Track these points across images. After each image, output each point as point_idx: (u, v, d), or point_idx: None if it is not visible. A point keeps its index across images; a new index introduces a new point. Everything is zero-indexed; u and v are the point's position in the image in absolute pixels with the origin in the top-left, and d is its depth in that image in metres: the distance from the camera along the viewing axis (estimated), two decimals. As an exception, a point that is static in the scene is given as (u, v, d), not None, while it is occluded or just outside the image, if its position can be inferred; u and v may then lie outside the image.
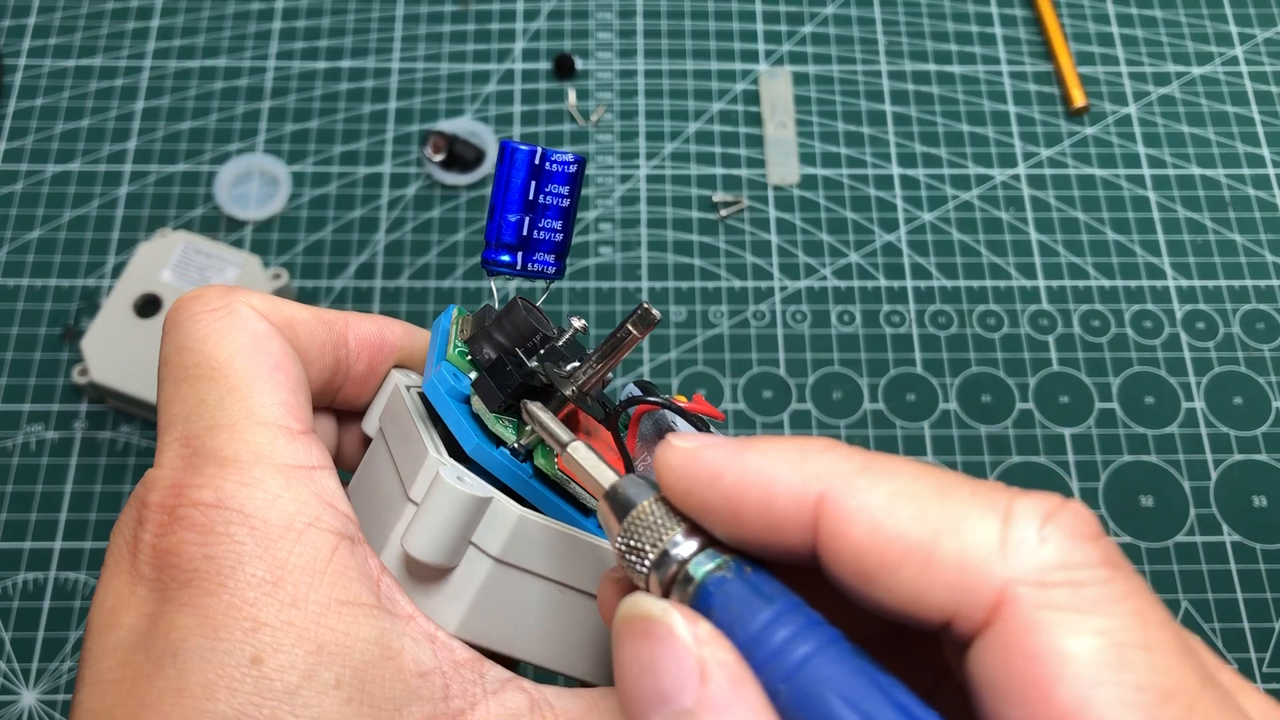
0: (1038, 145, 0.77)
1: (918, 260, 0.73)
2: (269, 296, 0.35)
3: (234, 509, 0.29)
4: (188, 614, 0.28)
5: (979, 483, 0.23)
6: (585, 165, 0.37)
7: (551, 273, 0.38)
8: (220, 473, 0.30)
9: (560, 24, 0.82)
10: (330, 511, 0.30)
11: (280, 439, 0.31)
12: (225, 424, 0.31)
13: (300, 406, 0.32)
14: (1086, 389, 0.69)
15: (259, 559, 0.28)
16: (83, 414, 0.67)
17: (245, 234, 0.73)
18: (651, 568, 0.25)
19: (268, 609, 0.28)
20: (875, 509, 0.22)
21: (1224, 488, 0.66)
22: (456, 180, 0.75)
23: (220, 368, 0.32)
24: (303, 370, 0.34)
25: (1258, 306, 0.72)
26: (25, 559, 0.63)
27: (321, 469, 0.31)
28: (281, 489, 0.30)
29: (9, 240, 0.72)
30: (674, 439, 0.25)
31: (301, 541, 0.29)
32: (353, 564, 0.30)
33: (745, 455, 0.24)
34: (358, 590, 0.29)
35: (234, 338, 0.32)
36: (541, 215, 0.37)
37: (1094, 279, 0.72)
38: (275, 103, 0.78)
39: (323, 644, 0.28)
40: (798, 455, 0.24)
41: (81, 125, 0.77)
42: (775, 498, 0.23)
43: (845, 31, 0.82)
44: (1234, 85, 0.80)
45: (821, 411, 0.68)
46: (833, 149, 0.77)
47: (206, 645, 0.27)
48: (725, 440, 0.25)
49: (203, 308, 0.33)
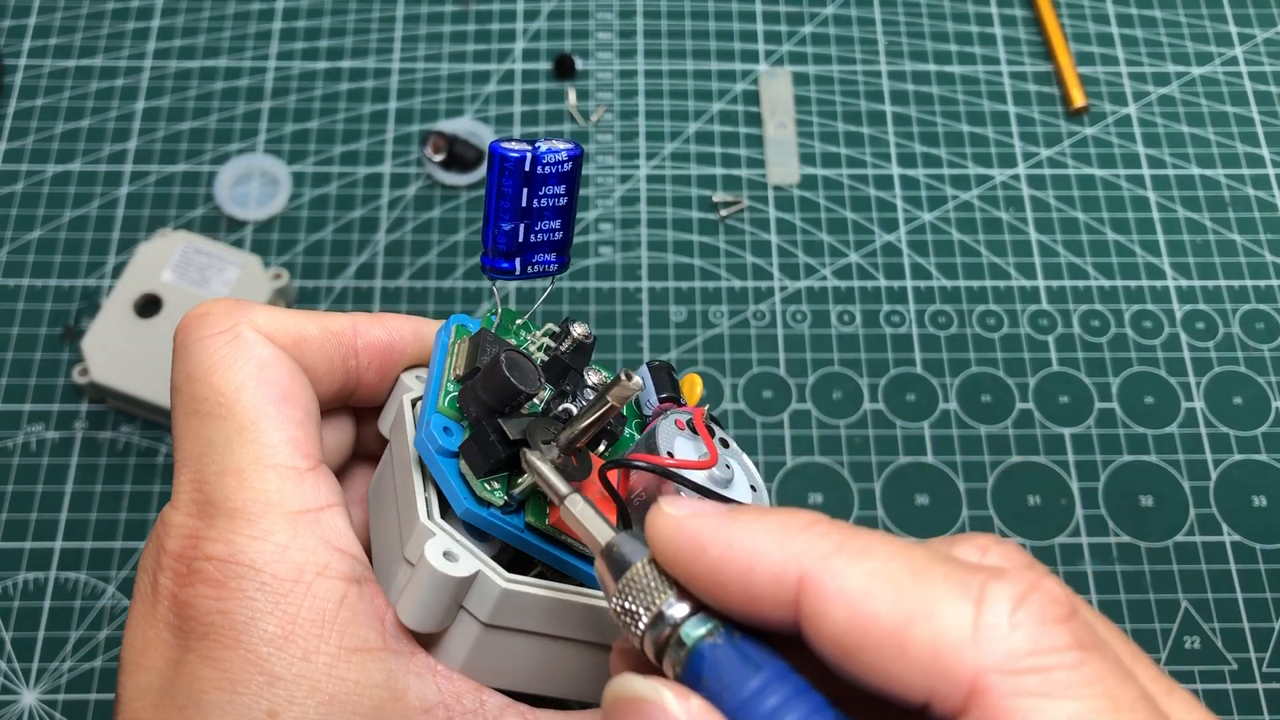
0: (1037, 145, 0.77)
1: (918, 260, 0.73)
2: (276, 312, 0.35)
3: (245, 564, 0.30)
4: (208, 666, 0.30)
5: (953, 563, 0.23)
6: (583, 155, 0.36)
7: (554, 269, 0.37)
8: (231, 525, 0.31)
9: (560, 24, 0.82)
10: (338, 557, 0.31)
11: (288, 482, 0.32)
12: (234, 470, 0.32)
13: (308, 438, 0.33)
14: (1086, 389, 0.69)
15: (270, 615, 0.30)
16: (83, 414, 0.67)
17: (245, 234, 0.73)
18: (646, 629, 0.25)
19: (281, 663, 0.29)
20: (853, 591, 0.23)
21: (1224, 488, 0.66)
22: (456, 180, 0.75)
23: (228, 403, 0.32)
24: (311, 394, 0.34)
25: (1257, 306, 0.72)
26: (25, 559, 0.63)
27: (329, 508, 0.32)
28: (290, 539, 0.31)
29: (9, 240, 0.72)
30: (665, 504, 0.26)
31: (310, 593, 0.30)
32: (360, 608, 0.31)
33: (729, 529, 0.24)
34: (365, 635, 0.31)
35: (241, 367, 0.33)
36: (538, 219, 0.36)
37: (1094, 279, 0.72)
38: (275, 103, 0.78)
39: (334, 695, 0.29)
40: (779, 533, 0.24)
41: (82, 125, 0.77)
42: (755, 575, 0.24)
43: (845, 32, 0.82)
44: (1233, 85, 0.80)
45: (821, 411, 0.68)
46: (833, 149, 0.77)
47: (225, 699, 0.29)
48: (713, 509, 0.25)
49: (209, 330, 0.34)
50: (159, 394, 0.64)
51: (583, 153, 0.36)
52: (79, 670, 0.60)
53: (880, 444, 0.67)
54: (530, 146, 0.35)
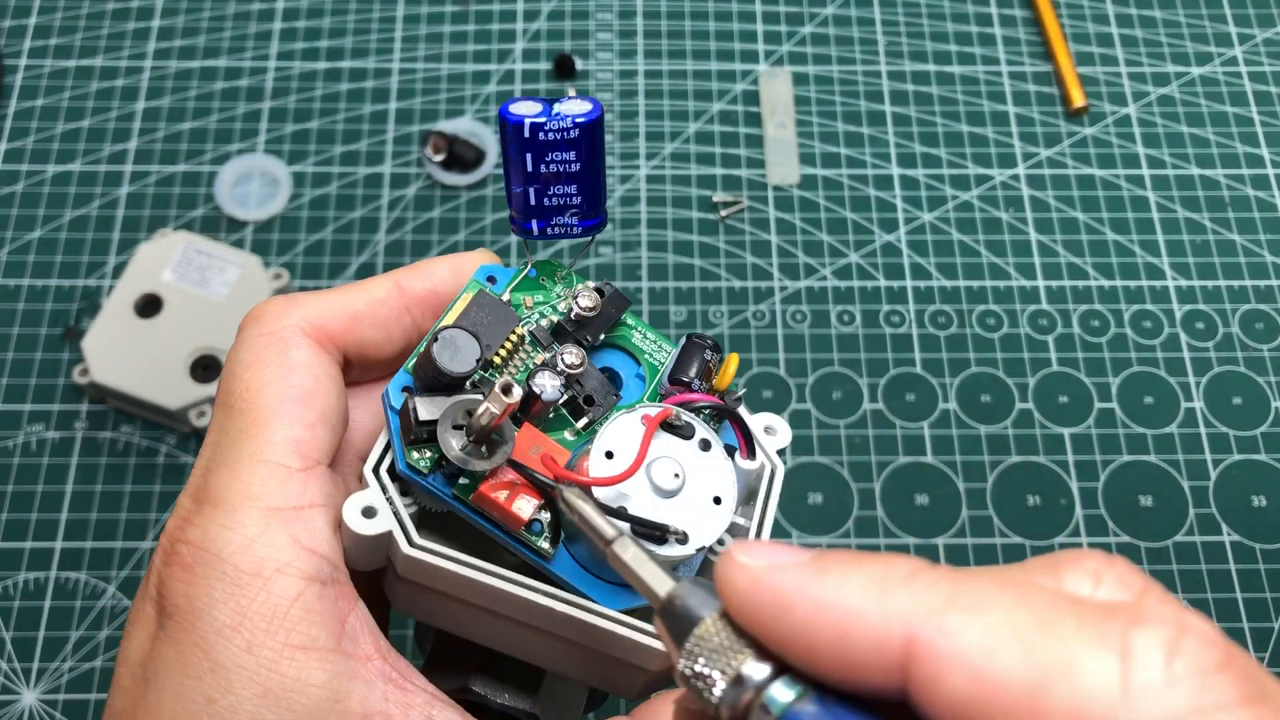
0: (1037, 145, 0.77)
1: (917, 260, 0.73)
2: (324, 300, 0.36)
3: (213, 552, 0.32)
4: (169, 646, 0.31)
5: (1085, 608, 0.20)
6: (599, 118, 0.34)
7: (577, 231, 0.37)
8: (212, 513, 0.32)
9: (560, 24, 0.82)
10: (304, 556, 0.32)
11: (274, 479, 0.33)
12: (230, 462, 0.33)
13: (314, 440, 0.34)
14: (1086, 389, 0.69)
15: (224, 604, 0.31)
16: (83, 414, 0.67)
17: (246, 234, 0.73)
18: (723, 695, 0.22)
19: (225, 652, 0.30)
20: (973, 652, 0.20)
21: (1223, 488, 0.66)
22: (457, 180, 0.75)
23: (250, 399, 0.34)
24: (336, 397, 0.35)
25: (1257, 306, 0.72)
26: (26, 559, 0.63)
27: (312, 508, 0.33)
28: (259, 533, 0.32)
29: (10, 240, 0.72)
30: (738, 553, 0.23)
31: (266, 588, 0.31)
32: (317, 608, 0.31)
33: (819, 585, 0.22)
34: (315, 634, 0.31)
35: (271, 369, 0.35)
36: (550, 183, 0.35)
37: (1093, 279, 0.72)
38: (276, 103, 0.78)
39: (269, 689, 0.30)
40: (878, 588, 0.21)
41: (82, 125, 0.77)
42: (854, 638, 0.21)
43: (845, 32, 0.82)
44: (1233, 85, 0.80)
45: (821, 411, 0.68)
46: (832, 149, 0.77)
47: (176, 680, 0.31)
48: (795, 557, 0.22)
49: (258, 330, 0.36)
50: (159, 394, 0.64)
51: (599, 116, 0.34)
52: (79, 670, 0.60)
53: (880, 444, 0.67)
54: (540, 109, 0.34)
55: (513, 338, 0.36)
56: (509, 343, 0.36)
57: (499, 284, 0.38)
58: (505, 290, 0.38)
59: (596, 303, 0.37)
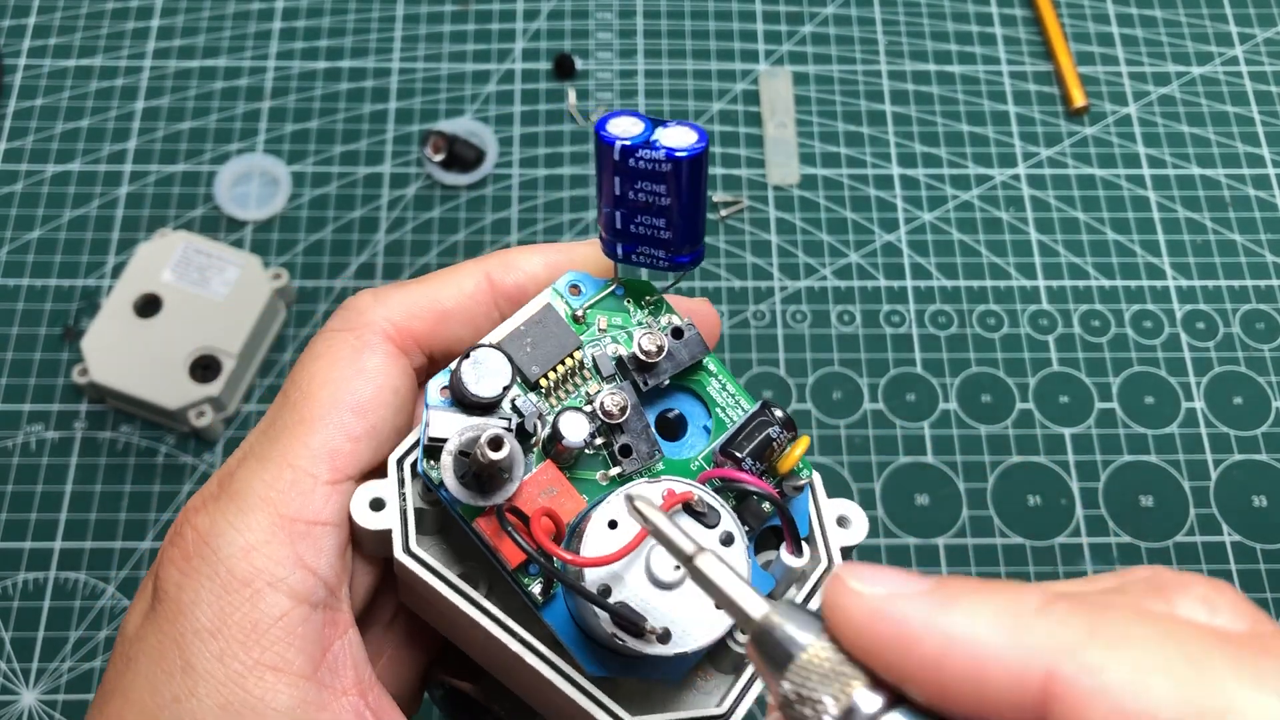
0: (1038, 145, 0.77)
1: (918, 260, 0.73)
2: (413, 294, 0.35)
3: (212, 547, 0.31)
4: (153, 632, 0.31)
5: (1230, 642, 0.19)
6: (698, 155, 0.30)
7: (663, 265, 0.34)
8: (226, 505, 0.32)
9: (560, 24, 0.82)
10: (301, 575, 0.31)
11: (298, 486, 0.32)
12: (263, 456, 0.32)
13: (353, 454, 0.33)
14: (1086, 389, 0.69)
15: (209, 605, 0.30)
16: (83, 414, 0.67)
17: (245, 234, 0.73)
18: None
19: (198, 655, 0.30)
20: (1120, 690, 0.19)
21: (1224, 488, 0.66)
22: (456, 180, 0.75)
23: (305, 395, 0.33)
24: (393, 410, 0.34)
25: (1258, 306, 0.72)
26: (25, 559, 0.63)
27: (326, 526, 0.32)
28: (262, 541, 0.31)
29: (9, 240, 0.72)
30: (850, 578, 0.22)
31: (253, 600, 0.30)
32: (299, 630, 0.31)
33: (947, 618, 0.20)
34: (291, 657, 0.30)
35: (337, 368, 0.34)
36: (637, 212, 0.32)
37: (1094, 279, 0.72)
38: (275, 103, 0.78)
39: (231, 703, 0.30)
40: (1010, 620, 0.20)
41: (81, 125, 0.77)
42: (988, 674, 0.20)
43: (845, 31, 0.82)
44: (1234, 85, 0.80)
45: (821, 411, 0.68)
46: (833, 149, 0.77)
47: (151, 669, 0.30)
48: (915, 585, 0.21)
49: (341, 324, 0.35)
50: (159, 394, 0.64)
51: (699, 153, 0.31)
52: (79, 670, 0.60)
53: (880, 444, 0.67)
54: (640, 131, 0.31)
55: (569, 361, 0.34)
56: (562, 366, 0.34)
57: (582, 295, 0.36)
58: (582, 305, 0.35)
59: (662, 347, 0.34)
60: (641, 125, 0.31)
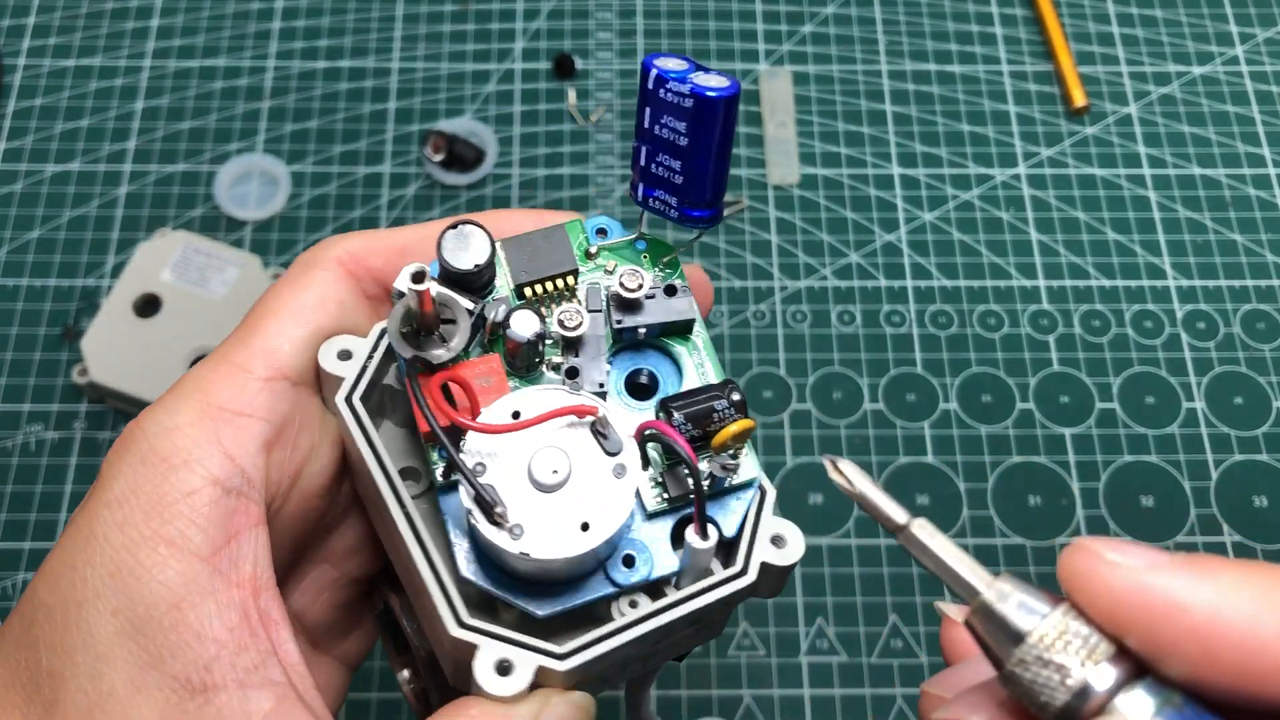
0: (1038, 145, 0.77)
1: (918, 260, 0.73)
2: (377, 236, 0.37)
3: (142, 429, 0.32)
4: (79, 510, 0.32)
5: None
6: (729, 101, 0.30)
7: (674, 217, 0.34)
8: (164, 399, 0.33)
9: (560, 24, 0.81)
10: (219, 459, 0.32)
11: (231, 379, 0.33)
12: (207, 361, 0.34)
13: (289, 355, 0.34)
14: (1087, 389, 0.69)
15: (125, 478, 0.31)
16: (82, 414, 0.67)
17: (245, 234, 0.73)
18: (1070, 703, 0.21)
19: (101, 523, 0.31)
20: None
21: (1225, 488, 0.66)
22: (456, 180, 0.75)
23: (255, 310, 0.35)
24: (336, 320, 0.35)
25: (1258, 306, 0.71)
26: (25, 559, 0.63)
27: (252, 418, 0.33)
28: (186, 423, 0.32)
29: (8, 240, 0.72)
30: (1101, 548, 0.21)
31: (166, 475, 0.31)
32: (205, 510, 0.31)
33: (1213, 589, 0.20)
34: (190, 534, 0.30)
35: (289, 285, 0.35)
36: (658, 148, 0.32)
37: (1094, 279, 0.72)
38: (275, 102, 0.78)
39: (120, 569, 0.30)
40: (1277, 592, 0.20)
41: (81, 125, 0.76)
42: (1266, 643, 0.19)
43: (845, 31, 0.81)
44: (1234, 85, 0.80)
45: (821, 412, 0.68)
46: (833, 149, 0.77)
47: (65, 540, 0.31)
48: (1169, 558, 0.21)
49: (309, 257, 0.36)
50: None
51: (722, 98, 0.30)
52: (78, 671, 0.60)
53: (880, 444, 0.67)
54: (682, 68, 0.31)
55: (559, 282, 0.34)
56: (552, 283, 0.34)
57: (607, 238, 0.36)
58: (598, 244, 0.36)
59: (643, 285, 0.34)
60: (685, 65, 0.31)
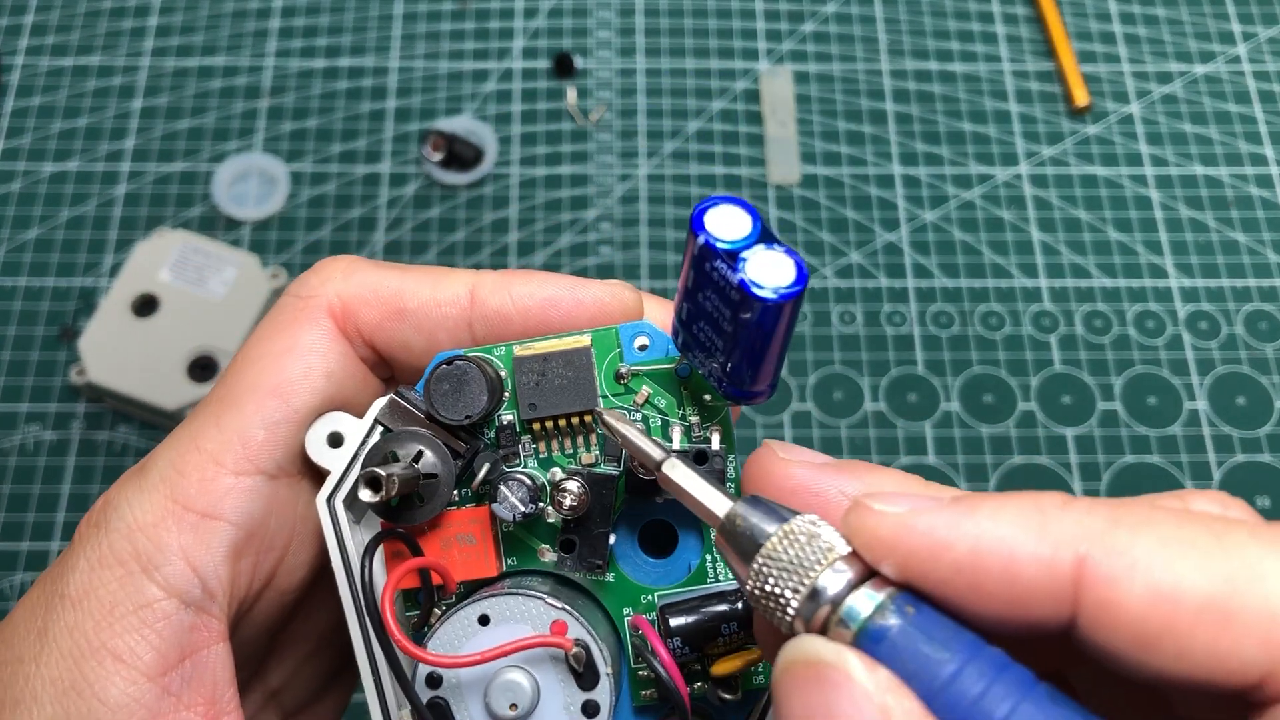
0: (1040, 144, 0.77)
1: (919, 260, 0.72)
2: (382, 282, 0.32)
3: (107, 517, 0.30)
4: (37, 584, 0.30)
5: (1247, 524, 0.20)
6: (785, 304, 0.24)
7: (713, 385, 0.28)
8: (134, 478, 0.31)
9: (560, 23, 0.81)
10: (179, 569, 0.29)
11: (201, 473, 0.30)
12: (180, 432, 0.31)
13: (266, 443, 0.30)
14: (1089, 389, 0.68)
15: (82, 575, 0.29)
16: (80, 414, 0.67)
17: (243, 233, 0.72)
18: (797, 614, 0.22)
19: (55, 622, 0.29)
20: (1150, 566, 0.19)
21: (1227, 488, 0.66)
22: (455, 179, 0.74)
23: (240, 368, 0.32)
24: (322, 397, 0.31)
25: (1260, 306, 0.71)
26: (23, 560, 0.63)
27: (219, 522, 0.30)
28: (151, 523, 0.29)
29: (6, 240, 0.72)
30: (871, 500, 0.22)
31: (121, 581, 0.29)
32: (158, 625, 0.28)
33: (974, 521, 0.21)
34: (140, 651, 0.28)
35: (276, 339, 0.31)
36: (700, 316, 0.26)
37: (1096, 278, 0.72)
38: (273, 102, 0.77)
39: (61, 679, 0.28)
40: (1036, 517, 0.21)
41: (79, 124, 0.76)
42: (1020, 568, 0.20)
43: (846, 30, 0.81)
44: (1236, 84, 0.79)
45: (822, 412, 0.67)
46: (834, 148, 0.76)
47: (19, 616, 0.29)
48: (934, 500, 0.22)
49: (297, 289, 0.32)
50: (157, 394, 0.64)
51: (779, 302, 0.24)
52: (76, 672, 0.60)
53: (882, 444, 0.66)
54: (743, 235, 0.25)
55: (574, 419, 0.29)
56: (564, 421, 0.29)
57: (644, 355, 0.30)
58: (632, 366, 0.30)
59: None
60: (747, 227, 0.25)
